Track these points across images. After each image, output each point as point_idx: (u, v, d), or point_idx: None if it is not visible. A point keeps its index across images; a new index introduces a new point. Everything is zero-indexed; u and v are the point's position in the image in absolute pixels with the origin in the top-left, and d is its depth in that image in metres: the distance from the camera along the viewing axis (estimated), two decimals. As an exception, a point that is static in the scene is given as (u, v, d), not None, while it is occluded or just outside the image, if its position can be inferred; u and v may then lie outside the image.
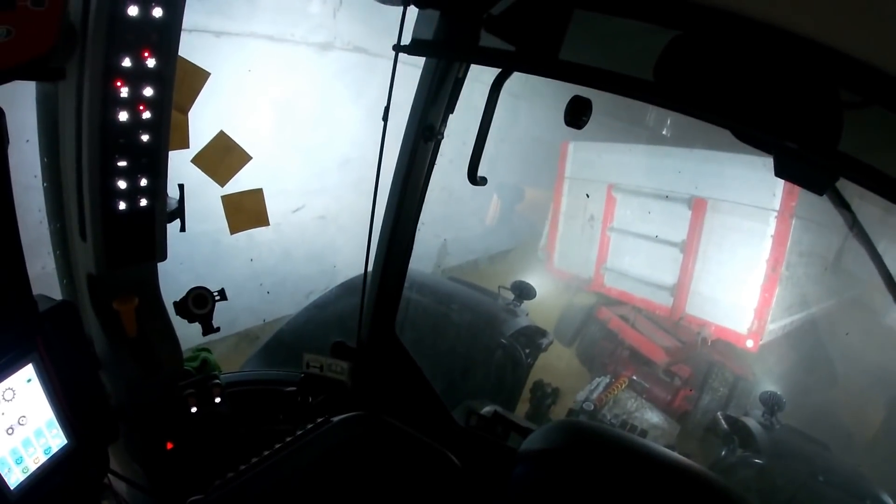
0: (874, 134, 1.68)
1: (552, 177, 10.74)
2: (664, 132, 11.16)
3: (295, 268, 7.31)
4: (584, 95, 2.06)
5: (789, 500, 4.30)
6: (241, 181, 2.70)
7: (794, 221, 7.79)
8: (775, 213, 7.79)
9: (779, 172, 1.86)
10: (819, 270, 9.03)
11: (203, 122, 2.59)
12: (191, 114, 2.48)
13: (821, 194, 1.83)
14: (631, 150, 9.61)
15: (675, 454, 2.31)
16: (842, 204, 1.97)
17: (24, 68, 1.76)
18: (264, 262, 6.84)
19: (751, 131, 1.84)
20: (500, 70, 2.36)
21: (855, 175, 1.65)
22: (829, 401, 8.35)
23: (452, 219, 9.85)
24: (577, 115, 2.06)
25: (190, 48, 2.25)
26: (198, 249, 5.46)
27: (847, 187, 1.83)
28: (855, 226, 2.08)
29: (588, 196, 9.85)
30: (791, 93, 1.68)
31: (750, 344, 8.25)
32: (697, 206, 8.63)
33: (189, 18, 2.10)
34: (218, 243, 5.76)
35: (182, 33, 2.11)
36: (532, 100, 10.10)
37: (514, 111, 10.40)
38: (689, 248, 8.77)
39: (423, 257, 9.66)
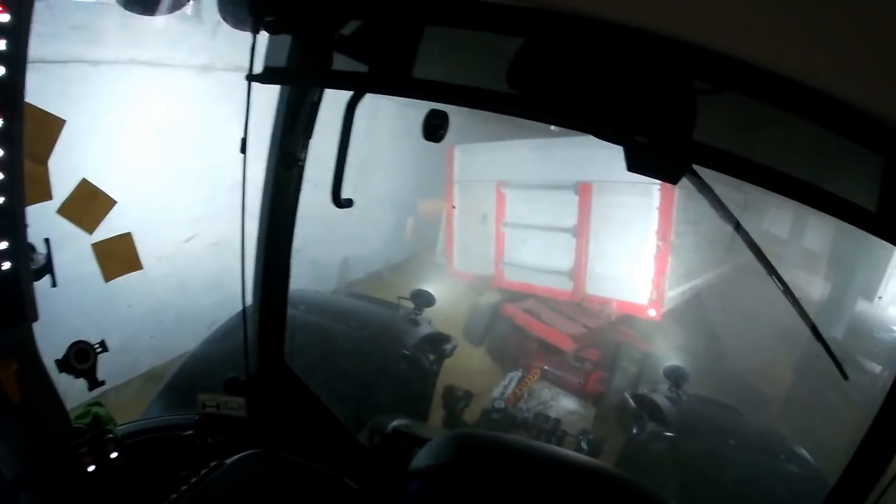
0: (720, 119, 1.77)
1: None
2: (552, 128, 11.41)
3: (193, 300, 7.12)
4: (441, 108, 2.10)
5: (708, 468, 4.39)
6: (127, 216, 2.67)
7: (676, 191, 8.10)
8: (658, 186, 8.10)
9: (631, 167, 1.92)
10: (709, 238, 9.42)
11: (77, 160, 2.53)
12: (60, 156, 2.41)
13: (674, 183, 1.92)
14: (514, 146, 9.87)
15: (570, 452, 2.37)
16: (703, 186, 2.06)
17: None
18: (160, 297, 6.65)
19: (602, 130, 1.88)
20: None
21: (708, 161, 1.73)
22: (736, 365, 8.71)
23: (352, 237, 9.80)
24: (434, 128, 2.10)
25: (66, 80, 2.20)
26: (88, 293, 5.26)
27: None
28: (718, 205, 2.18)
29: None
30: (638, 87, 1.74)
31: (653, 313, 8.66)
32: (583, 190, 9.06)
33: (63, 49, 2.06)
34: (109, 284, 5.58)
35: (57, 66, 2.06)
36: (421, 107, 10.15)
37: (409, 121, 10.44)
38: (580, 231, 9.16)
39: (325, 279, 9.57)
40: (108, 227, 2.67)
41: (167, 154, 6.45)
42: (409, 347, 4.90)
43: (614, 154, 1.92)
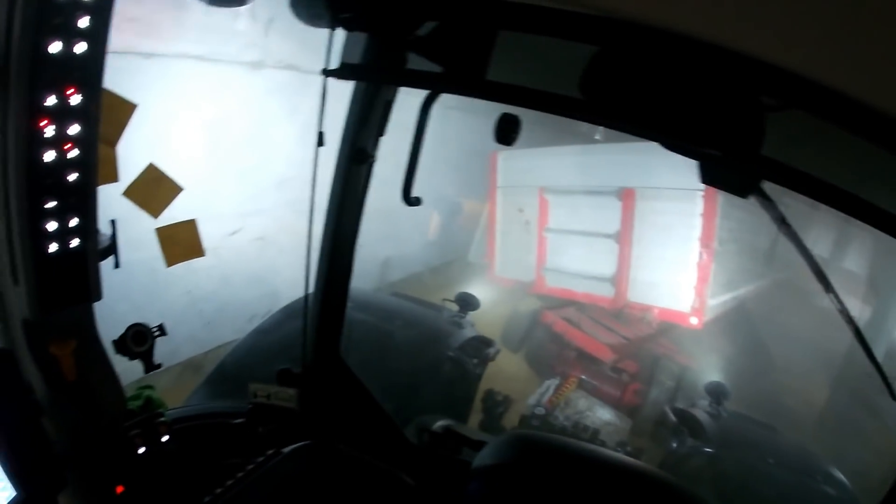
0: (790, 136, 1.74)
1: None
2: (596, 136, 11.38)
3: (235, 293, 7.19)
4: (513, 112, 2.09)
5: (745, 485, 4.37)
6: (175, 207, 2.64)
7: (719, 198, 8.04)
8: (701, 193, 8.04)
9: (704, 179, 1.90)
10: (750, 249, 9.32)
11: (133, 148, 2.54)
12: (121, 143, 2.43)
13: (745, 197, 1.89)
14: (557, 152, 9.90)
15: (624, 457, 2.35)
16: (769, 203, 2.03)
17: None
18: (203, 288, 6.71)
19: (677, 142, 1.87)
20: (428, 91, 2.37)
21: (777, 177, 1.69)
22: (774, 382, 8.60)
23: (393, 237, 9.82)
24: (506, 132, 2.09)
25: (118, 71, 2.20)
26: (135, 279, 5.32)
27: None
28: (782, 223, 2.14)
29: (521, 211, 10.01)
30: (712, 101, 1.72)
31: (695, 321, 8.61)
32: (626, 196, 9.03)
33: (117, 40, 2.06)
34: (154, 272, 5.60)
35: (110, 56, 2.07)
36: (467, 111, 10.17)
37: (449, 124, 10.45)
38: (623, 237, 9.14)
39: (366, 276, 9.57)
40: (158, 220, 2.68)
41: (215, 149, 6.51)
42: (453, 349, 4.90)
43: (658, 160, 1.92)
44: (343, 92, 2.63)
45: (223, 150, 6.60)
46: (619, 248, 9.24)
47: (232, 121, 6.67)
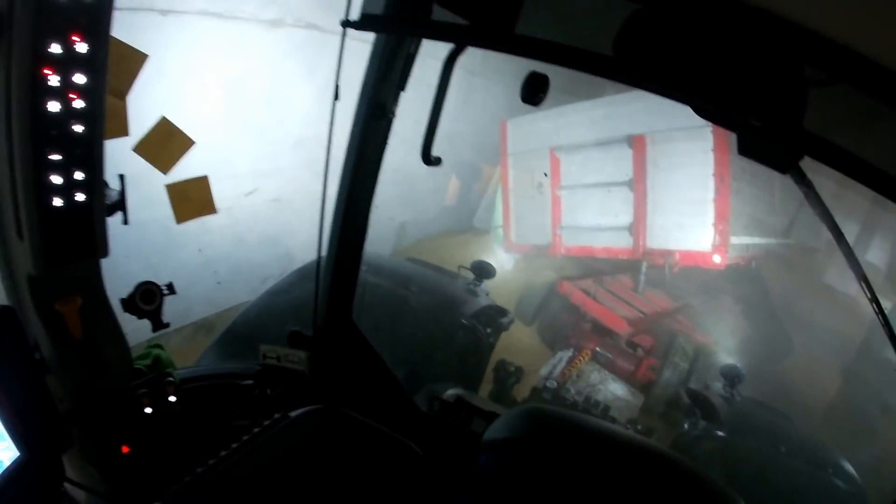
0: (838, 111, 1.65)
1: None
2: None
3: (249, 253, 7.17)
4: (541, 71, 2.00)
5: (755, 473, 4.34)
6: (190, 166, 2.58)
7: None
8: (711, 128, 7.95)
9: (742, 150, 1.82)
10: (771, 199, 9.22)
11: (147, 106, 2.47)
12: (133, 98, 2.36)
13: (784, 173, 1.80)
14: (564, 112, 9.79)
15: (641, 437, 2.30)
16: (803, 181, 1.94)
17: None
18: (217, 248, 6.68)
19: (714, 109, 1.79)
20: (453, 46, 2.28)
21: (819, 153, 1.61)
22: (790, 367, 8.56)
23: (409, 200, 9.76)
24: (533, 91, 2.02)
25: (135, 28, 2.14)
26: (147, 238, 5.29)
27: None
28: (817, 204, 2.05)
29: (546, 175, 9.95)
30: (754, 69, 1.64)
31: (717, 259, 8.51)
32: (637, 142, 8.95)
33: None
34: (168, 231, 5.59)
35: (126, 12, 2.00)
36: (489, 76, 10.07)
37: (470, 88, 10.35)
38: (637, 183, 9.06)
39: (380, 240, 9.55)
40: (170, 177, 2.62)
41: (232, 107, 6.45)
42: (467, 318, 4.86)
43: (663, 104, 1.84)
44: (363, 53, 2.55)
45: (240, 109, 6.54)
46: (633, 195, 9.14)
47: (249, 80, 6.60)
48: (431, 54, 2.58)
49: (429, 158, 2.46)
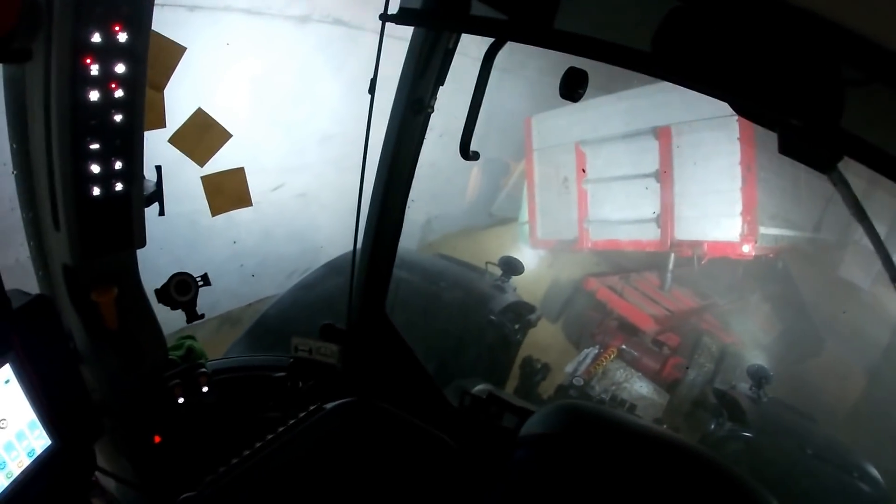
0: (874, 112, 1.62)
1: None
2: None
3: (275, 248, 7.18)
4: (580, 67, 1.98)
5: (781, 474, 4.30)
6: (219, 160, 2.59)
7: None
8: (737, 117, 7.87)
9: (783, 149, 1.79)
10: (800, 192, 9.13)
11: (178, 100, 2.47)
12: (165, 92, 2.36)
13: (824, 173, 1.77)
14: (588, 106, 9.64)
15: (673, 434, 2.30)
16: (842, 181, 1.91)
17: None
18: (244, 242, 6.70)
19: (755, 108, 1.78)
20: (492, 41, 2.26)
21: (858, 154, 1.59)
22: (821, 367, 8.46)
23: (434, 195, 9.75)
24: (572, 87, 1.98)
25: (162, 23, 2.13)
26: (175, 232, 5.31)
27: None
28: (853, 205, 2.02)
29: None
30: (794, 68, 1.62)
31: (746, 249, 8.48)
32: (662, 134, 8.92)
33: None
34: (196, 224, 5.62)
35: (154, 8, 1.99)
36: (515, 72, 10.03)
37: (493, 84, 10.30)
38: (663, 174, 9.00)
39: (406, 235, 9.49)
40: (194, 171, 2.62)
41: (259, 103, 6.44)
42: (495, 314, 4.84)
43: (689, 95, 1.82)
44: (394, 50, 2.53)
45: (267, 105, 6.53)
46: (660, 186, 9.09)
47: (277, 75, 6.59)
48: (464, 52, 2.56)
49: (467, 153, 2.44)
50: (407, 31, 2.48)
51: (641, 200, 9.28)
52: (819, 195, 9.38)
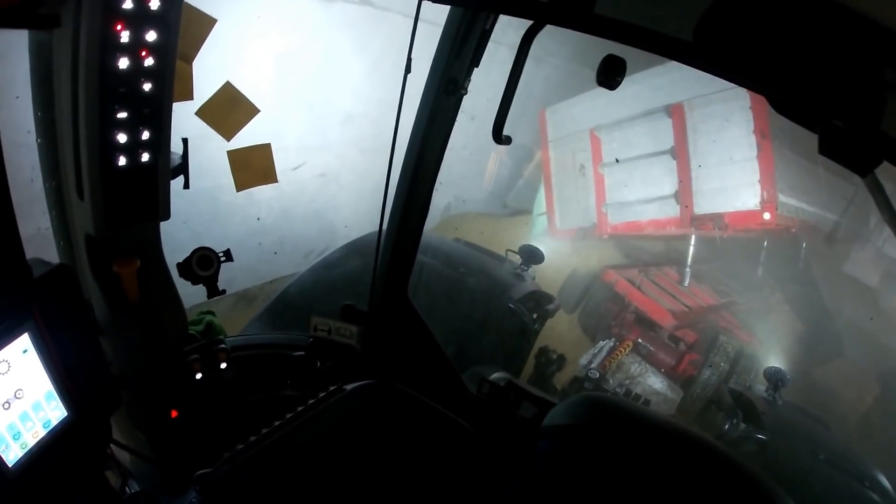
0: None
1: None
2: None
3: (294, 227, 7.16)
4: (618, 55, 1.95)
5: (796, 478, 4.28)
6: (242, 136, 2.56)
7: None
8: None
9: (822, 150, 1.75)
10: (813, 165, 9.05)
11: (204, 72, 2.44)
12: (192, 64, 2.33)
13: (864, 176, 1.73)
14: (598, 93, 9.67)
15: (696, 430, 2.28)
16: (876, 186, 1.87)
17: (13, 15, 1.62)
18: (263, 220, 6.68)
19: (797, 105, 1.73)
20: (530, 23, 2.21)
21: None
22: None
23: (451, 180, 9.70)
24: (610, 74, 1.96)
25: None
26: (196, 207, 5.31)
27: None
28: (886, 210, 1.97)
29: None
30: (837, 67, 1.57)
31: (767, 216, 8.39)
32: (675, 111, 8.96)
33: None
34: (216, 200, 5.61)
35: None
36: (540, 59, 9.96)
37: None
38: (679, 150, 9.01)
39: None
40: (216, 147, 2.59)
41: (282, 81, 6.41)
42: (514, 302, 4.80)
43: (698, 72, 1.78)
44: (423, 32, 2.48)
45: (290, 83, 6.50)
46: (676, 162, 9.08)
47: (301, 53, 6.55)
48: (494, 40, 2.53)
49: (500, 137, 2.39)
50: (434, 13, 2.43)
51: (659, 178, 9.31)
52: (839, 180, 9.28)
